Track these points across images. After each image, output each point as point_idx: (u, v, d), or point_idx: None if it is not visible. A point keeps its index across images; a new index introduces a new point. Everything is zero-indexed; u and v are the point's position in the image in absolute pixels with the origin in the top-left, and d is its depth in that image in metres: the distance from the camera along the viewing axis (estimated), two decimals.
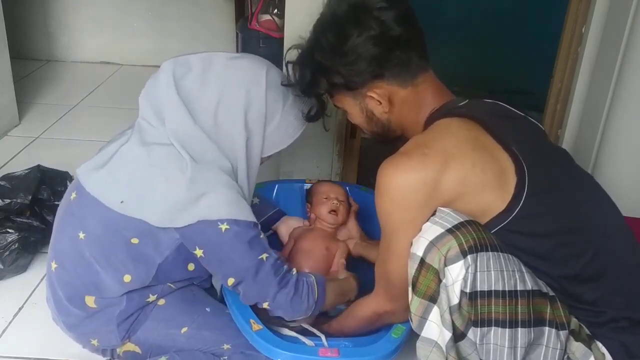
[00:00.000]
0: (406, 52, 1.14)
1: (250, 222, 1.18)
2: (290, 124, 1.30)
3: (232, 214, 1.16)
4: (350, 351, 1.19)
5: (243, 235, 1.16)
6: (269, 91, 1.24)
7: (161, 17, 3.45)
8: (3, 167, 2.26)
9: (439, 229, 1.00)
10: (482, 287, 0.97)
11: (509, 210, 1.02)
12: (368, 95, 1.18)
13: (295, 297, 1.19)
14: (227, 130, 1.22)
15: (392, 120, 1.21)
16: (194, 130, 1.19)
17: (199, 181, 1.16)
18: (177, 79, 1.21)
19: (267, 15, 2.87)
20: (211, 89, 1.22)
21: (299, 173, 2.11)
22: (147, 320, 1.26)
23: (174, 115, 1.20)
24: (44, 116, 2.76)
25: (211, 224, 1.15)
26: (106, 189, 1.21)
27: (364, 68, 1.14)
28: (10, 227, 1.67)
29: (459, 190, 1.03)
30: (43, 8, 3.48)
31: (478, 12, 3.10)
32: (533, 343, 1.00)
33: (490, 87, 2.97)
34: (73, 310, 1.25)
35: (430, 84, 1.19)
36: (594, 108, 1.86)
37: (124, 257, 1.20)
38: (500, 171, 1.03)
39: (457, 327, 1.01)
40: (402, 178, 1.04)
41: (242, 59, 1.28)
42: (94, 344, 1.28)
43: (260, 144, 1.26)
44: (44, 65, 3.49)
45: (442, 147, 1.05)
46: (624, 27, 1.69)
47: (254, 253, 1.18)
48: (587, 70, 1.90)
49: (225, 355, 1.28)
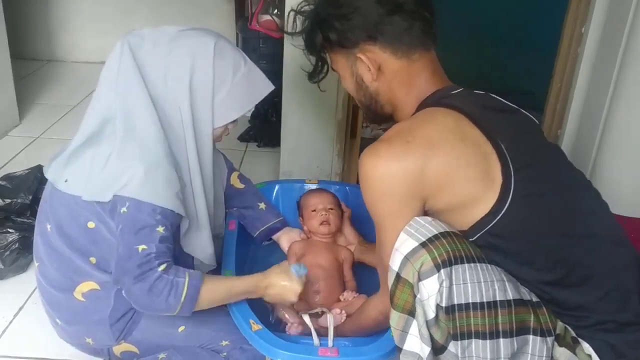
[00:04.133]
0: (408, 20, 1.10)
1: (156, 208, 1.15)
2: (242, 95, 1.29)
3: (139, 194, 1.14)
4: (350, 351, 1.19)
5: (137, 221, 1.14)
6: (216, 59, 1.24)
7: (161, 17, 3.45)
8: (3, 167, 2.26)
9: (413, 243, 0.97)
10: (460, 300, 0.95)
11: (493, 213, 0.99)
12: (358, 57, 1.12)
13: (150, 293, 1.13)
14: (174, 96, 1.23)
15: (380, 92, 1.16)
16: (142, 95, 1.20)
17: (124, 156, 1.17)
18: (132, 49, 1.22)
19: (267, 15, 2.87)
20: (161, 57, 1.23)
21: (299, 173, 2.12)
22: (142, 320, 1.27)
23: (125, 75, 1.21)
24: (45, 116, 2.76)
25: (119, 202, 1.15)
26: (58, 172, 1.25)
27: (358, 24, 1.10)
28: (11, 227, 1.67)
29: (442, 181, 0.99)
30: (44, 8, 3.48)
31: (478, 13, 3.10)
32: (517, 352, 0.97)
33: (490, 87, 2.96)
34: (64, 304, 1.26)
35: (428, 65, 1.13)
36: (594, 108, 1.86)
37: (85, 242, 1.23)
38: (487, 167, 0.99)
39: (436, 340, 0.99)
40: (383, 167, 1.00)
41: (193, 30, 1.28)
42: (89, 342, 1.28)
43: (209, 112, 1.26)
44: (44, 65, 3.50)
45: (426, 135, 1.01)
46: (624, 27, 1.69)
47: (134, 240, 1.14)
48: (587, 70, 1.90)
49: (224, 351, 1.28)
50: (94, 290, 1.24)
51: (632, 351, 1.01)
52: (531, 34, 3.01)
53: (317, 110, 2.06)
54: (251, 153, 2.59)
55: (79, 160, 1.23)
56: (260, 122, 2.71)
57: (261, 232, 1.61)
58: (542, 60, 2.31)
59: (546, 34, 2.33)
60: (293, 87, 2.01)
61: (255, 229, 1.61)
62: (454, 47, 2.95)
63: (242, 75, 1.28)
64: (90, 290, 1.24)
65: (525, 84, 2.99)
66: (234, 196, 1.59)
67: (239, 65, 1.28)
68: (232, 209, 1.60)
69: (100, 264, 1.24)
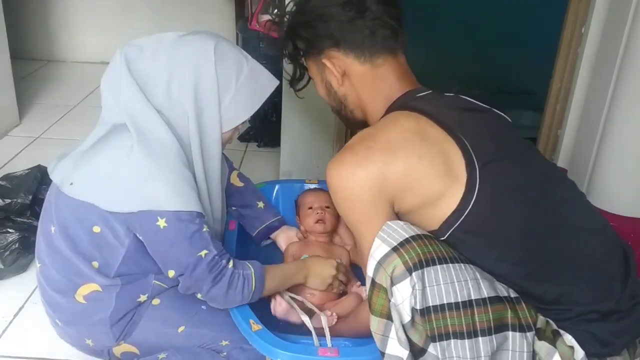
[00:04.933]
0: (370, 27, 1.12)
1: (193, 213, 1.17)
2: (248, 96, 1.28)
3: (174, 205, 1.14)
4: (350, 351, 1.19)
5: (183, 230, 1.15)
6: (218, 65, 1.23)
7: (161, 17, 3.45)
8: (3, 167, 2.26)
9: (385, 248, 0.98)
10: (434, 301, 0.96)
11: (460, 210, 1.00)
12: (324, 62, 1.16)
13: (229, 291, 1.19)
14: (180, 105, 1.21)
15: (347, 96, 1.19)
16: (146, 107, 1.19)
17: (144, 165, 1.15)
18: (129, 61, 1.21)
19: (267, 15, 2.87)
20: (162, 67, 1.21)
21: (299, 173, 2.12)
22: (142, 321, 1.27)
23: (126, 91, 1.20)
24: (45, 116, 2.76)
25: (150, 217, 1.14)
26: (64, 174, 1.23)
27: (321, 31, 1.13)
28: (11, 227, 1.67)
29: (406, 181, 1.01)
30: (43, 8, 3.48)
31: (478, 12, 3.10)
32: (498, 349, 0.98)
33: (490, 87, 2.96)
34: (65, 305, 1.26)
35: (394, 69, 1.15)
36: (594, 108, 1.86)
37: (89, 246, 1.22)
38: (450, 165, 1.01)
39: (415, 343, 0.99)
40: (348, 175, 1.02)
41: (192, 35, 1.26)
42: (88, 343, 1.28)
43: (216, 118, 1.25)
44: (44, 65, 3.50)
45: (387, 139, 1.03)
46: (624, 27, 1.69)
47: (193, 250, 1.16)
48: (587, 70, 1.90)
49: (224, 351, 1.29)
50: (95, 292, 1.24)
51: (617, 340, 1.01)
52: (531, 34, 3.00)
53: (317, 110, 2.06)
54: (251, 153, 2.60)
55: (88, 166, 1.20)
56: (260, 122, 2.71)
57: (260, 231, 1.61)
58: (542, 60, 2.31)
59: (546, 34, 2.33)
60: None
61: (254, 228, 1.62)
62: (454, 47, 2.97)
63: (246, 75, 1.27)
64: (92, 292, 1.24)
65: (525, 84, 2.99)
66: (233, 194, 1.59)
67: (241, 66, 1.27)
68: (231, 208, 1.60)
69: (102, 268, 1.23)
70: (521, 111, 2.55)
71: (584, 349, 1.00)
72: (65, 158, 1.26)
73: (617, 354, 1.02)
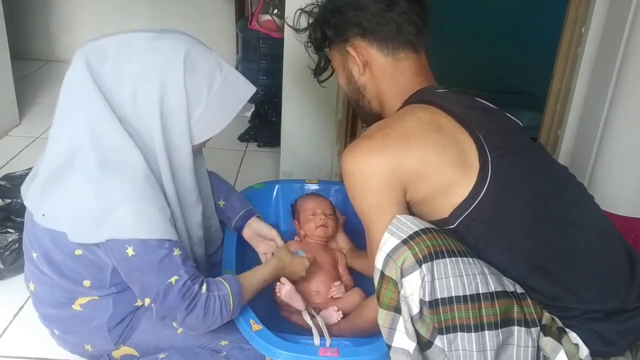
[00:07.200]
0: (397, 21, 1.15)
1: (160, 241, 1.10)
2: (221, 108, 1.21)
3: (140, 233, 1.08)
4: (350, 351, 1.19)
5: (151, 257, 1.09)
6: (188, 77, 1.14)
7: (161, 17, 3.45)
8: (3, 167, 2.26)
9: (395, 241, 0.99)
10: (442, 294, 0.97)
11: (471, 198, 1.01)
12: (348, 50, 1.19)
13: (206, 317, 1.13)
14: (145, 119, 1.14)
15: (367, 86, 1.21)
16: (110, 120, 1.11)
17: (106, 193, 1.09)
18: (92, 69, 1.13)
19: (267, 15, 2.87)
20: (127, 75, 1.13)
21: (299, 173, 2.12)
22: (140, 323, 1.26)
23: (88, 100, 1.12)
24: (45, 116, 2.76)
25: (119, 245, 1.09)
26: (35, 202, 1.17)
27: (350, 18, 1.16)
28: (11, 227, 1.67)
29: (421, 168, 1.02)
30: (44, 8, 3.48)
31: (478, 12, 3.10)
32: (503, 344, 0.99)
33: (490, 87, 2.97)
34: (62, 315, 1.25)
35: (414, 65, 1.18)
36: (594, 108, 1.86)
37: (75, 267, 1.18)
38: (463, 154, 1.02)
39: (422, 335, 1.00)
40: (364, 160, 1.04)
41: (161, 41, 1.17)
42: (88, 349, 1.28)
43: (185, 133, 1.18)
44: (44, 65, 3.50)
45: (403, 127, 1.05)
46: (623, 27, 1.69)
47: (162, 276, 1.10)
48: (587, 70, 1.90)
49: (224, 350, 1.28)
50: (92, 300, 1.23)
51: (622, 340, 1.02)
52: (531, 34, 3.01)
53: (317, 110, 2.06)
54: (251, 153, 2.59)
55: (55, 196, 1.14)
56: (260, 122, 2.71)
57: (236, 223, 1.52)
58: (542, 60, 2.31)
59: (546, 34, 2.33)
60: (293, 87, 2.01)
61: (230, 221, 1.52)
62: (454, 47, 2.96)
63: (219, 86, 1.19)
64: (89, 301, 1.23)
65: (525, 84, 3.00)
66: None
67: (213, 76, 1.18)
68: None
69: (95, 284, 1.21)
70: (521, 111, 2.55)
71: (588, 348, 1.01)
72: (34, 181, 1.20)
73: (620, 354, 1.03)
